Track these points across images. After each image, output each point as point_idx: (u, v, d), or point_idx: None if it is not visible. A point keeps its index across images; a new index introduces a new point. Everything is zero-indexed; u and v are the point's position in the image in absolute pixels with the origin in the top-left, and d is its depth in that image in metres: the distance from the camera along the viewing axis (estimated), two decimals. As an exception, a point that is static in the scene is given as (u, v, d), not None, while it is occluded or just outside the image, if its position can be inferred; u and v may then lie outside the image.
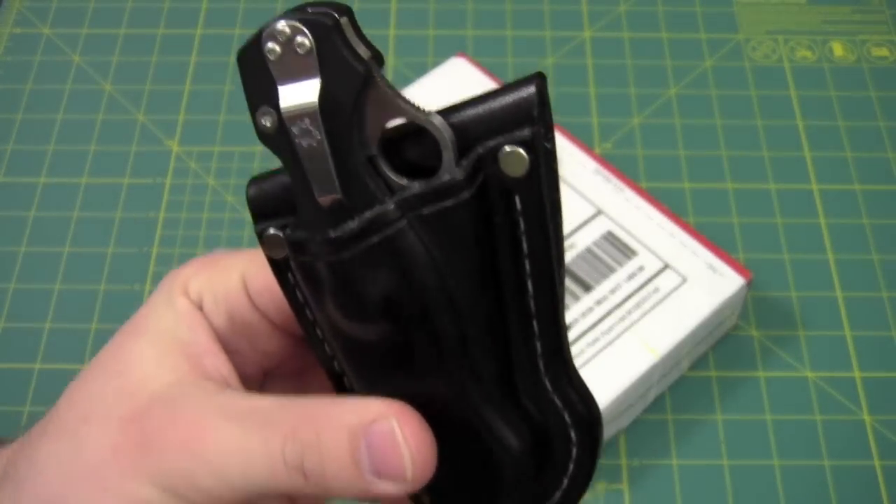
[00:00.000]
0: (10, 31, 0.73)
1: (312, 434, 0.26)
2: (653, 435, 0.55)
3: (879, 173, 0.66)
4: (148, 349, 0.28)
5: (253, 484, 0.26)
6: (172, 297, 0.29)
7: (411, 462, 0.25)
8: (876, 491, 0.53)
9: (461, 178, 0.24)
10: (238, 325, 0.30)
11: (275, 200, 0.27)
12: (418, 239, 0.25)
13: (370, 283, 0.25)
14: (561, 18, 0.74)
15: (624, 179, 0.59)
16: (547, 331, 0.27)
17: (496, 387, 0.27)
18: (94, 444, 0.27)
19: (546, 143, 0.25)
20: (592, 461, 0.28)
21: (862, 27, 0.73)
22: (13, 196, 0.64)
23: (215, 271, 0.30)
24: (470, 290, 0.25)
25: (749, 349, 0.58)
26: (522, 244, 0.26)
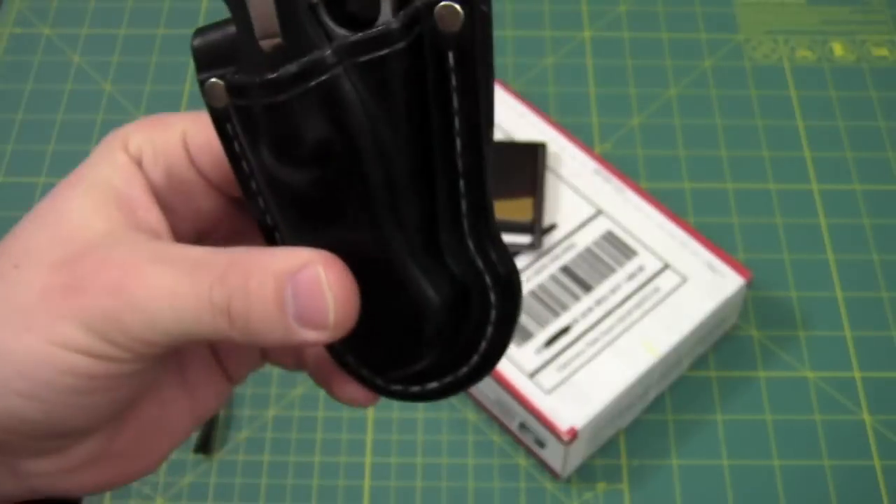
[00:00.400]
0: (10, 31, 0.73)
1: (240, 278, 0.26)
2: (653, 435, 0.55)
3: (879, 173, 0.66)
4: (84, 199, 0.28)
5: (179, 327, 0.26)
6: (112, 151, 0.30)
7: (334, 309, 0.26)
8: (876, 491, 0.53)
9: (396, 27, 0.25)
10: (175, 181, 0.30)
11: (219, 50, 0.28)
12: (353, 86, 0.25)
13: (304, 127, 0.26)
14: (561, 18, 0.74)
15: (624, 179, 0.59)
16: (473, 190, 0.27)
17: (420, 240, 0.28)
18: (23, 287, 0.27)
19: (482, 5, 0.26)
20: (511, 323, 0.29)
21: (862, 27, 0.73)
22: (13, 196, 0.64)
23: (157, 128, 0.30)
24: (399, 139, 0.26)
25: (749, 349, 0.58)
26: (453, 100, 0.26)
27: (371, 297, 0.28)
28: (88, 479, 0.30)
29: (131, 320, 0.26)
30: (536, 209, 0.57)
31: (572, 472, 0.53)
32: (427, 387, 0.30)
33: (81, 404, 0.27)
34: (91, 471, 0.30)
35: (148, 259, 0.27)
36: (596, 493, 0.53)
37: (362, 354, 0.30)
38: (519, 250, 0.56)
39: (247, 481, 0.54)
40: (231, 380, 0.33)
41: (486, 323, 0.29)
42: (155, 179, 0.30)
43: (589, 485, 0.53)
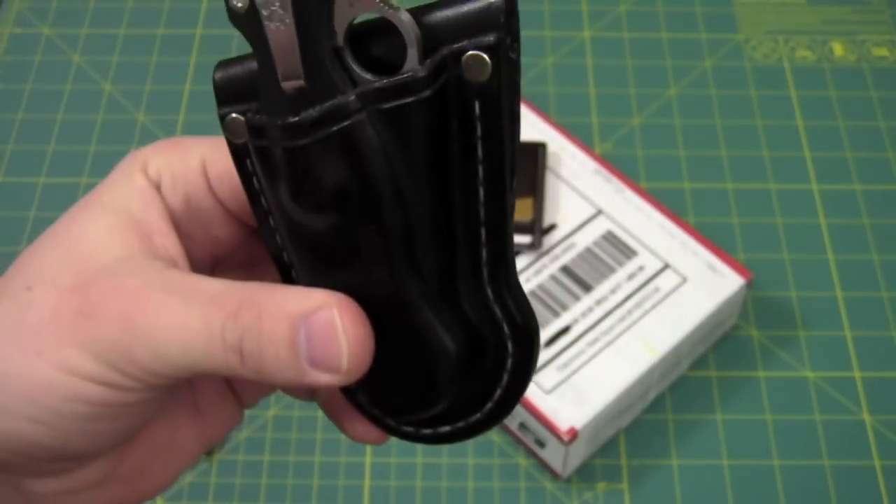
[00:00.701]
0: (10, 31, 0.73)
1: (254, 317, 0.26)
2: (653, 435, 0.55)
3: (879, 173, 0.66)
4: (99, 221, 0.28)
5: (189, 361, 0.26)
6: (131, 174, 0.29)
7: (347, 353, 0.26)
8: (876, 491, 0.53)
9: (423, 75, 0.25)
10: (193, 208, 0.30)
11: (241, 85, 0.28)
12: (375, 133, 0.25)
13: (324, 172, 0.25)
14: (561, 18, 0.74)
15: (624, 179, 0.59)
16: (494, 239, 0.27)
17: (437, 287, 0.27)
18: (34, 310, 0.27)
19: (510, 52, 0.25)
20: (527, 372, 0.29)
21: (862, 27, 0.73)
22: (13, 196, 0.64)
23: (176, 152, 0.30)
24: (420, 186, 0.26)
25: (749, 349, 0.58)
26: (477, 149, 0.26)
27: (386, 341, 0.27)
28: (95, 499, 0.30)
29: (140, 351, 0.26)
30: (536, 209, 0.57)
31: (572, 472, 0.53)
32: (439, 430, 0.30)
33: (88, 430, 0.27)
34: (97, 492, 0.29)
35: (160, 288, 0.26)
36: (596, 493, 0.53)
37: (374, 397, 0.30)
38: (519, 250, 0.56)
39: (247, 481, 0.54)
40: (242, 405, 0.33)
41: (503, 371, 0.29)
42: (173, 205, 0.29)
43: (589, 485, 0.53)
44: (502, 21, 0.25)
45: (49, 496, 0.29)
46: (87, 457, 0.28)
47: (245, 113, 0.27)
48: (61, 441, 0.27)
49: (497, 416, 0.29)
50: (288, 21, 0.25)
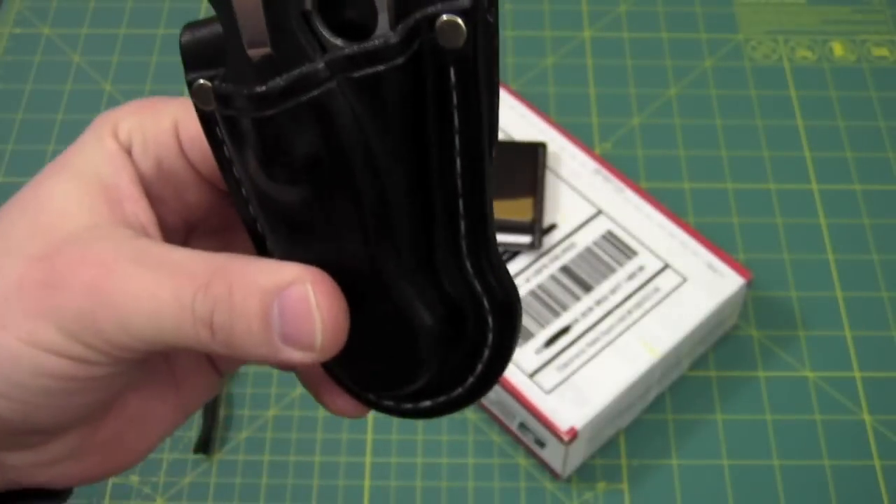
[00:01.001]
0: (10, 31, 0.73)
1: (225, 289, 0.25)
2: (653, 435, 0.55)
3: (879, 173, 0.66)
4: (68, 187, 0.27)
5: (157, 334, 0.25)
6: (101, 137, 0.28)
7: (322, 330, 0.25)
8: (876, 491, 0.53)
9: (395, 42, 0.23)
10: (165, 172, 0.29)
11: (209, 49, 0.26)
12: (346, 102, 0.24)
13: (294, 143, 0.24)
14: (561, 18, 0.74)
15: (624, 179, 0.59)
16: (472, 210, 0.26)
17: (414, 260, 0.26)
18: (1, 280, 0.26)
19: (487, 15, 0.24)
20: (509, 347, 0.28)
21: (862, 27, 0.73)
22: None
23: (148, 115, 0.29)
24: (394, 157, 0.25)
25: (749, 349, 0.58)
26: (454, 119, 0.25)
27: (362, 316, 0.26)
28: (70, 471, 0.29)
29: (107, 323, 0.25)
30: (536, 209, 0.57)
31: (572, 472, 0.53)
32: (420, 405, 0.29)
33: (54, 405, 0.26)
34: (72, 463, 0.29)
35: (128, 258, 0.25)
36: (596, 493, 0.53)
37: (353, 371, 0.29)
38: (519, 250, 0.56)
39: (247, 481, 0.54)
40: (220, 373, 0.32)
41: (483, 345, 0.28)
42: (144, 169, 0.28)
43: (589, 485, 0.53)
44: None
45: (23, 468, 0.28)
46: (55, 431, 0.28)
47: (213, 79, 0.26)
48: (26, 415, 0.26)
49: (478, 390, 0.28)
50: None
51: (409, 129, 0.25)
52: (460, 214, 0.26)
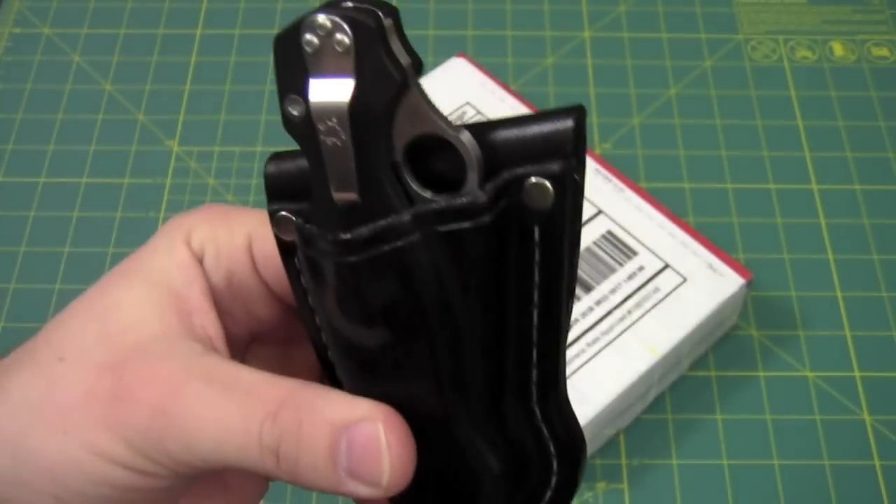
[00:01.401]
0: (10, 31, 0.73)
1: (294, 420, 0.25)
2: (653, 435, 0.55)
3: (879, 173, 0.66)
4: (137, 295, 0.27)
5: (222, 457, 0.25)
6: (174, 243, 0.28)
7: (390, 469, 0.25)
8: (876, 491, 0.53)
9: (483, 201, 0.24)
10: (236, 286, 0.29)
11: (292, 183, 0.26)
12: (429, 255, 0.24)
13: (373, 290, 0.25)
14: (561, 18, 0.74)
15: (624, 179, 0.59)
16: (546, 361, 0.26)
17: (484, 406, 0.26)
18: (67, 386, 0.26)
19: (576, 174, 0.24)
20: (571, 492, 0.28)
21: (862, 27, 0.73)
22: (13, 196, 0.64)
23: (222, 225, 0.28)
24: (473, 310, 0.25)
25: (749, 349, 0.58)
26: (534, 274, 0.25)
27: (429, 456, 0.26)
28: None
29: (173, 442, 0.25)
30: (536, 209, 0.56)
31: (572, 472, 0.53)
32: None
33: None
34: None
35: (198, 377, 0.25)
36: (596, 493, 0.53)
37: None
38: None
39: (247, 481, 0.54)
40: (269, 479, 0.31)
41: (546, 489, 0.28)
42: (215, 281, 0.28)
43: (589, 485, 0.53)
44: (569, 149, 0.24)
45: None
46: None
47: (296, 213, 0.26)
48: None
49: None
50: (344, 138, 0.24)
51: (491, 285, 0.25)
52: (533, 363, 0.26)
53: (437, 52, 0.71)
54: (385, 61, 0.23)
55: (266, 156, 0.66)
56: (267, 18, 0.73)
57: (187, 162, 0.66)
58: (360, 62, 0.23)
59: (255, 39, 0.72)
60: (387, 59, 0.23)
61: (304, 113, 0.24)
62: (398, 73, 0.23)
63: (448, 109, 0.62)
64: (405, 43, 0.24)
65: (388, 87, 0.23)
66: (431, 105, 0.24)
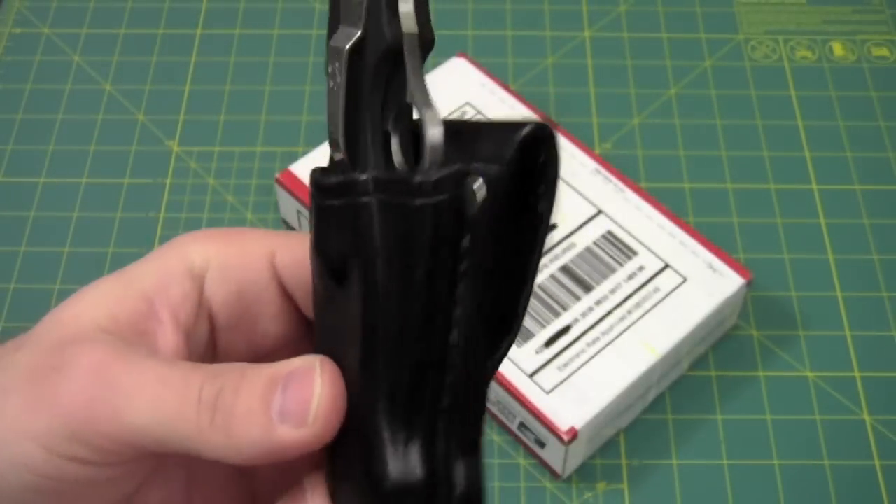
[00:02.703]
0: (10, 31, 0.73)
1: (237, 376, 0.25)
2: (653, 435, 0.55)
3: (879, 173, 0.66)
4: (105, 290, 0.27)
5: (156, 422, 0.25)
6: (165, 256, 0.28)
7: (317, 403, 0.25)
8: (876, 491, 0.53)
9: (417, 181, 0.23)
10: (250, 300, 0.29)
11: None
12: (375, 220, 0.24)
13: (332, 239, 0.25)
14: (561, 18, 0.74)
15: (624, 179, 0.59)
16: (460, 390, 0.25)
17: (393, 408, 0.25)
18: (11, 369, 0.26)
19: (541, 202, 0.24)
20: None
21: (862, 27, 0.73)
22: (13, 196, 0.64)
23: (234, 242, 0.29)
24: (395, 295, 0.25)
25: (749, 349, 0.58)
26: (457, 289, 0.24)
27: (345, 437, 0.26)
28: None
29: (105, 423, 0.25)
30: (536, 209, 0.56)
31: (572, 472, 0.53)
32: None
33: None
34: None
35: (134, 359, 0.25)
36: (596, 493, 0.53)
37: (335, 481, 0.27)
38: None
39: (247, 481, 0.54)
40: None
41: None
42: (220, 296, 0.28)
43: (589, 485, 0.53)
44: (509, 156, 0.24)
45: None
46: None
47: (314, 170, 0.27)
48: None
49: None
50: (339, 81, 0.24)
51: (418, 273, 0.24)
52: (444, 387, 0.25)
53: (437, 52, 0.71)
54: (383, 20, 0.24)
55: (266, 156, 0.66)
56: (267, 18, 0.73)
57: (187, 162, 0.66)
58: (369, 16, 0.24)
59: (256, 39, 0.72)
60: (386, 17, 0.24)
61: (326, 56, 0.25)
62: (391, 35, 0.24)
63: (448, 109, 0.62)
64: (421, 16, 0.24)
65: (379, 44, 0.24)
66: (419, 79, 0.24)
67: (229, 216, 0.63)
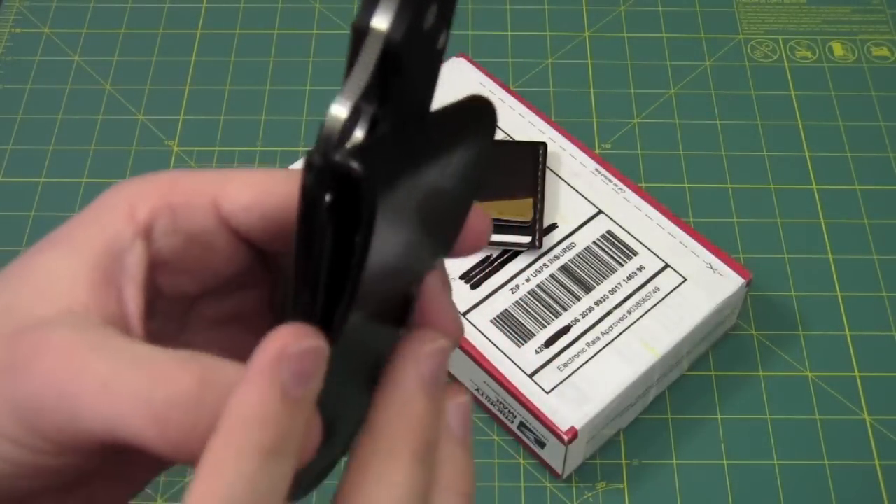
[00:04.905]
0: (10, 31, 0.73)
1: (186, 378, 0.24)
2: (653, 435, 0.55)
3: (879, 173, 0.66)
4: (56, 265, 0.26)
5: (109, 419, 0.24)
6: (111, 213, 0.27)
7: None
8: (876, 491, 0.53)
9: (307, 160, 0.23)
10: (199, 244, 0.27)
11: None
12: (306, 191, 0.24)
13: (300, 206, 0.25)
14: (561, 18, 0.74)
15: (624, 179, 0.59)
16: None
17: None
18: None
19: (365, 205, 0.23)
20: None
21: (862, 27, 0.73)
22: (13, 196, 0.64)
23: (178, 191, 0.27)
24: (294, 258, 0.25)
25: (749, 349, 0.58)
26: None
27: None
28: None
29: (58, 412, 0.24)
30: (536, 209, 0.57)
31: (572, 471, 0.53)
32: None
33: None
34: None
35: (89, 348, 0.24)
36: (596, 493, 0.53)
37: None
38: (519, 250, 0.56)
39: (247, 481, 0.54)
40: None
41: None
42: (167, 247, 0.27)
43: (589, 485, 0.53)
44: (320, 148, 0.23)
45: None
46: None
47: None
48: None
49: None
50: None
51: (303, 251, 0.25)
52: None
53: (437, 52, 0.71)
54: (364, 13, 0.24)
55: (266, 156, 0.66)
56: (267, 18, 0.73)
57: (187, 162, 0.66)
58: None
59: (255, 39, 0.72)
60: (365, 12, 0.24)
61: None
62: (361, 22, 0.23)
63: (448, 109, 0.62)
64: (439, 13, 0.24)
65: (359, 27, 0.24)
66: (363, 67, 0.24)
67: (229, 216, 0.63)
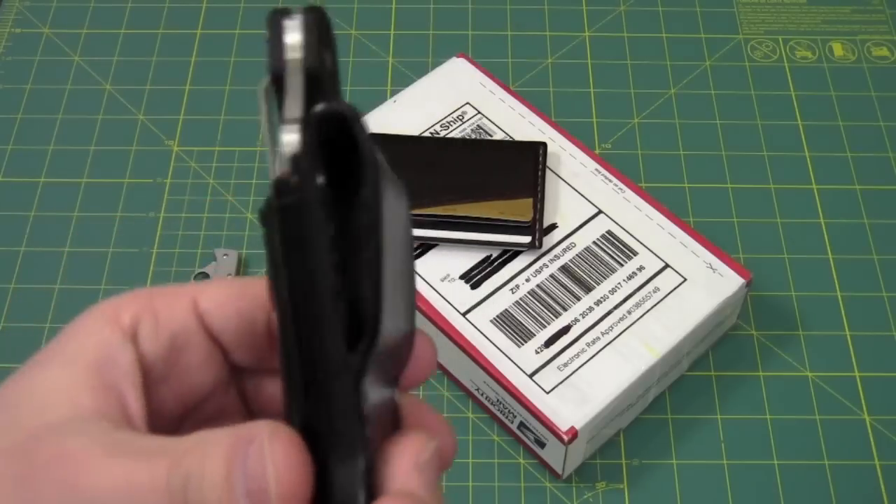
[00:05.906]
0: (10, 31, 0.73)
1: (198, 459, 0.25)
2: (653, 435, 0.55)
3: (879, 173, 0.66)
4: (53, 376, 0.27)
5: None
6: (98, 323, 0.28)
7: (276, 481, 0.24)
8: (876, 491, 0.53)
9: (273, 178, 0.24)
10: (179, 347, 0.28)
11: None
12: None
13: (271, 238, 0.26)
14: (561, 18, 0.74)
15: (624, 179, 0.59)
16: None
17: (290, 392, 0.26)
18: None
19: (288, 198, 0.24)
20: None
21: (862, 27, 0.73)
22: (13, 196, 0.64)
23: (158, 296, 0.29)
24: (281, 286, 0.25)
25: (749, 349, 0.58)
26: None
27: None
28: None
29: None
30: (536, 209, 0.57)
31: (572, 471, 0.53)
32: None
33: None
34: None
35: (107, 451, 0.25)
36: (596, 493, 0.53)
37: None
38: (519, 250, 0.56)
39: (247, 481, 0.53)
40: None
41: None
42: (154, 349, 0.28)
43: (589, 485, 0.53)
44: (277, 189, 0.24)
45: None
46: None
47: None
48: None
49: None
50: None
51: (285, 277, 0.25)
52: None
53: (437, 52, 0.71)
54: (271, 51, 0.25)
55: (266, 155, 0.66)
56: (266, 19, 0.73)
57: (187, 162, 0.66)
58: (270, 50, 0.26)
59: (255, 40, 0.72)
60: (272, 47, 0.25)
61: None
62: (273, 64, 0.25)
63: (448, 109, 0.62)
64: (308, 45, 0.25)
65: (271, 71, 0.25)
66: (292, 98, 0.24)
67: (229, 216, 0.63)
